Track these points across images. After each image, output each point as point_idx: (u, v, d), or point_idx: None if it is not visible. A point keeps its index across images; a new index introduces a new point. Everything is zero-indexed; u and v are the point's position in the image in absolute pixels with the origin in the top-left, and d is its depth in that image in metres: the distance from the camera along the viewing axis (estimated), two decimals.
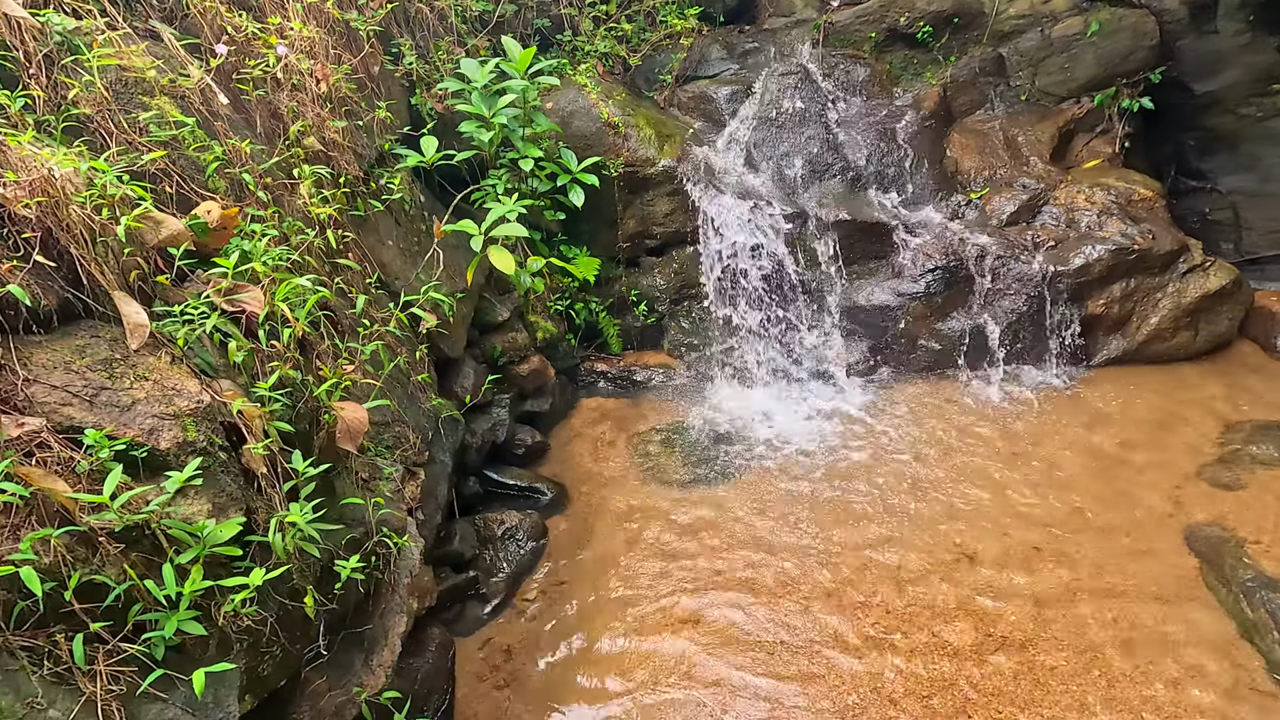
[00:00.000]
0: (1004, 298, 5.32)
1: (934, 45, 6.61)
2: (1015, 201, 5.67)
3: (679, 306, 6.16)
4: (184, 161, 2.32)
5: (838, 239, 5.66)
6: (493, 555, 4.19)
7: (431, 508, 3.76)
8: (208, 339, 1.98)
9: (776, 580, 3.90)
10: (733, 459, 4.97)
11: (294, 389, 2.15)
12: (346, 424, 2.32)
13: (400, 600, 2.79)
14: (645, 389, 5.98)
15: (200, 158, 2.32)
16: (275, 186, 2.65)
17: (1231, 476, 4.10)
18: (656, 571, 4.06)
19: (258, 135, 2.86)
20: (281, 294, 2.14)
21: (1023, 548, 3.87)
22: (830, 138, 6.11)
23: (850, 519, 4.25)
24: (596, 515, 4.64)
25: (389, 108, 4.32)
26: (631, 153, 5.52)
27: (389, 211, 4.33)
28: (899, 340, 5.61)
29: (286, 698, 2.24)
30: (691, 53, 6.82)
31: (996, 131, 6.28)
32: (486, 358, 5.04)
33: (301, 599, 1.95)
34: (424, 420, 3.64)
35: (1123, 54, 5.89)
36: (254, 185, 2.47)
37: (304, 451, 2.17)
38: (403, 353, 3.62)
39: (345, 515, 2.49)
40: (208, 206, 2.20)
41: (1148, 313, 5.22)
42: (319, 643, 2.10)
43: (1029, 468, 4.49)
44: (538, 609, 3.98)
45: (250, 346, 2.03)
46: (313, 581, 2.06)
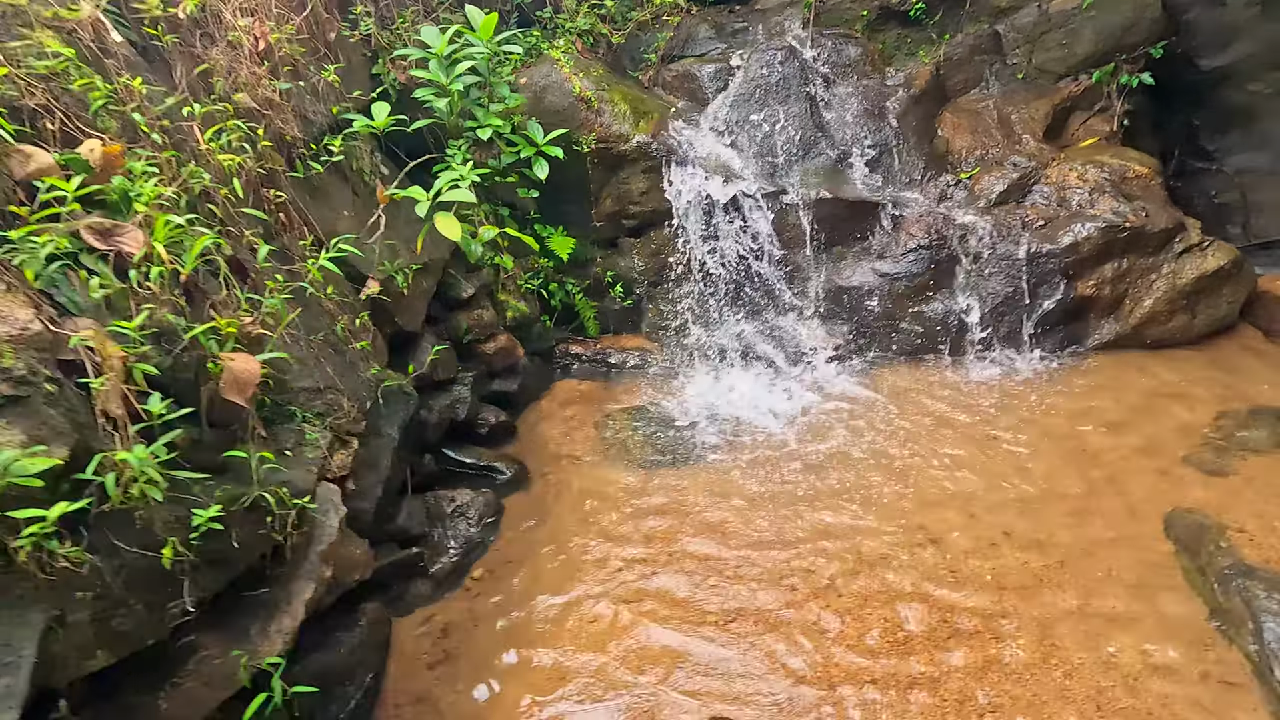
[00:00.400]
0: (989, 279, 5.10)
1: (928, 23, 6.41)
2: (1005, 180, 5.44)
3: (657, 289, 6.02)
4: (69, 99, 2.25)
5: (819, 218, 5.49)
6: (441, 533, 4.09)
7: (371, 480, 3.66)
8: (75, 276, 1.90)
9: (731, 564, 3.74)
10: (700, 442, 4.82)
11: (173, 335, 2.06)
12: (234, 374, 2.23)
13: (311, 567, 2.69)
14: (620, 372, 5.85)
15: (88, 96, 2.25)
16: (177, 132, 2.57)
17: (1220, 462, 3.86)
18: (608, 553, 3.92)
19: (177, 86, 2.79)
20: (160, 235, 2.06)
21: (992, 533, 3.67)
22: (815, 116, 5.93)
23: (815, 503, 4.07)
24: (555, 496, 4.52)
25: (346, 75, 4.24)
26: (605, 128, 5.40)
27: (346, 181, 4.26)
28: (880, 322, 5.41)
29: (165, 657, 2.15)
30: (678, 32, 6.69)
31: (990, 110, 6.05)
32: (451, 334, 4.95)
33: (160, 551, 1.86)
34: (363, 390, 3.55)
35: (1123, 27, 5.63)
36: (146, 126, 2.39)
37: (185, 401, 2.08)
38: (342, 319, 3.53)
39: (241, 475, 2.40)
40: (90, 144, 2.12)
41: (1142, 294, 4.97)
42: (184, 600, 2.00)
43: (1008, 453, 4.28)
44: (482, 588, 3.87)
45: (121, 287, 1.94)
46: (182, 535, 1.96)
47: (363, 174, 4.35)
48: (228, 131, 2.80)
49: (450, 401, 4.67)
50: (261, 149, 3.16)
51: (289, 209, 3.32)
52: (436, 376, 4.65)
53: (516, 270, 5.62)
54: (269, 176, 3.27)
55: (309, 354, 3.29)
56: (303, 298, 3.38)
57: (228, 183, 2.67)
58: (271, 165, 3.27)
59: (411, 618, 3.73)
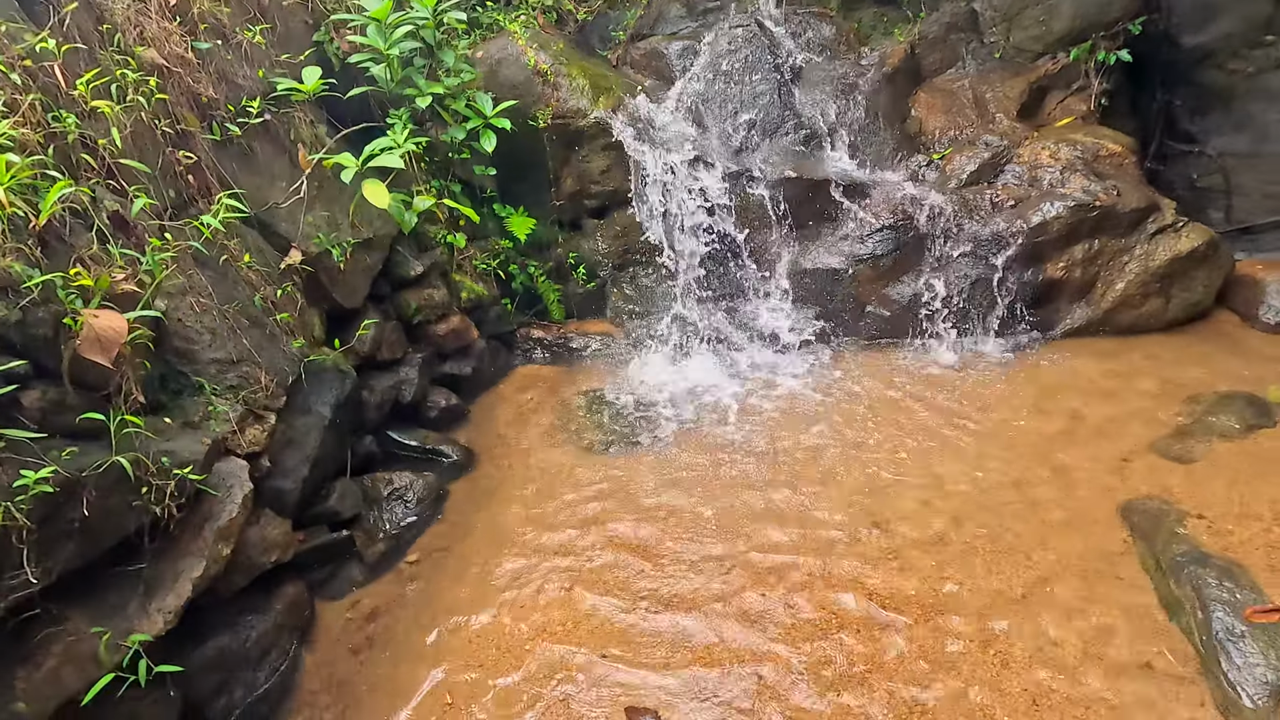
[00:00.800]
0: (957, 261, 4.94)
1: (903, 1, 6.24)
2: (976, 160, 5.27)
3: (622, 272, 5.87)
4: None
5: (785, 199, 5.32)
6: (376, 516, 3.94)
7: (296, 459, 3.51)
8: None
9: (672, 551, 3.58)
10: (655, 428, 4.67)
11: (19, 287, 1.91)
12: (96, 332, 2.08)
13: (203, 545, 2.54)
14: (581, 356, 5.70)
15: None
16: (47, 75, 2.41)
17: (1184, 448, 3.69)
18: (544, 541, 3.77)
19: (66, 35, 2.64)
20: (4, 178, 1.91)
21: (942, 519, 3.51)
22: (784, 95, 5.76)
23: (765, 491, 3.91)
24: (502, 481, 4.37)
25: (284, 40, 4.09)
26: (561, 103, 5.24)
27: (283, 150, 4.10)
28: (847, 306, 5.25)
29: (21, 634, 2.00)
30: (649, 10, 6.53)
31: (966, 90, 5.88)
32: (400, 314, 4.79)
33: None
34: (285, 364, 3.40)
35: (1101, 4, 5.45)
36: (5, 67, 2.24)
37: (42, 360, 1.92)
38: (264, 290, 3.38)
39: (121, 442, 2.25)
40: None
41: (1113, 277, 4.79)
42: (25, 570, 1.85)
43: (969, 438, 4.12)
44: (416, 572, 3.72)
45: None
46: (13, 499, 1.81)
47: (301, 142, 4.19)
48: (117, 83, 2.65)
49: (394, 382, 4.52)
50: (171, 108, 3.01)
51: (204, 172, 3.17)
52: (381, 356, 4.50)
53: (473, 251, 5.46)
54: (181, 137, 3.12)
55: (223, 324, 3.14)
56: (217, 266, 3.23)
57: (107, 134, 2.51)
58: (185, 126, 3.12)
59: (340, 602, 3.59)
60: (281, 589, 3.28)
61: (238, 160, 3.75)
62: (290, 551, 3.30)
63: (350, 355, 4.23)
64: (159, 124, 2.94)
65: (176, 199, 3.12)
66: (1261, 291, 4.75)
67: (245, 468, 2.94)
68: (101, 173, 2.50)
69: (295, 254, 3.41)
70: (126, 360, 2.28)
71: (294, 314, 3.51)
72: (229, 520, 2.67)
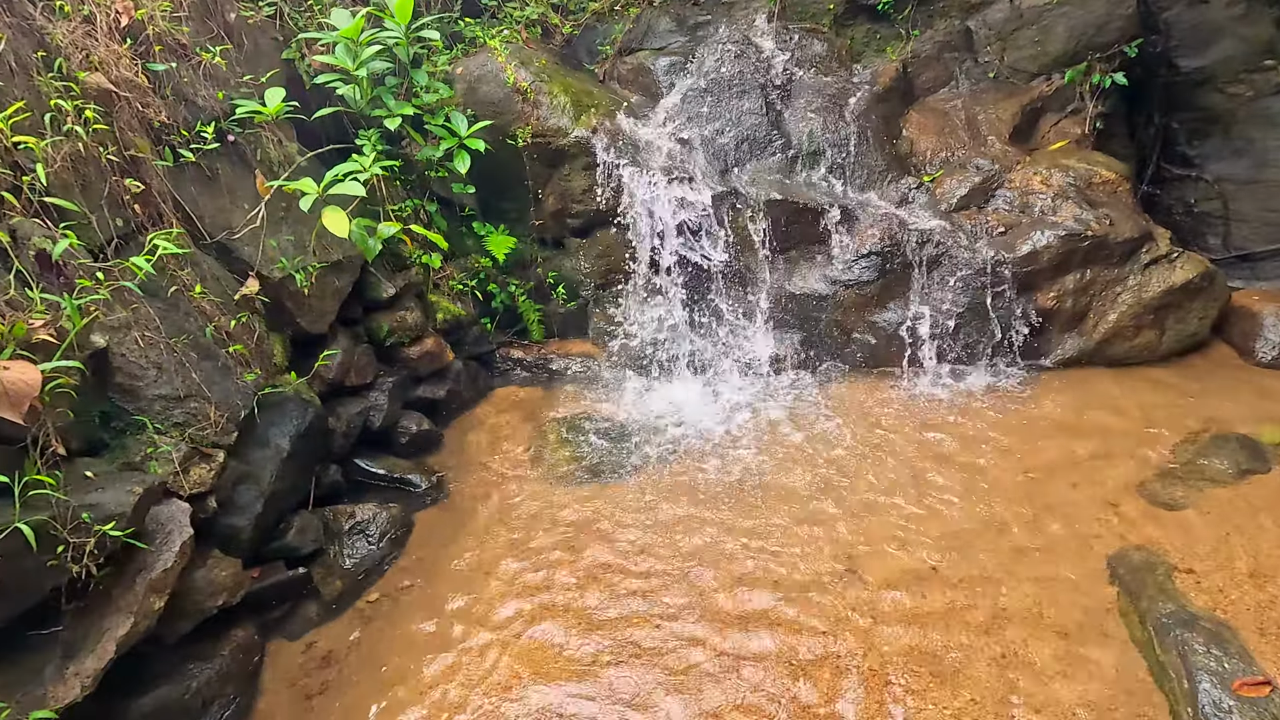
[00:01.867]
0: (945, 288, 4.80)
1: (897, 18, 6.11)
2: (967, 184, 5.14)
3: (605, 292, 5.74)
4: None
5: (770, 221, 5.19)
6: (337, 551, 3.82)
7: (250, 495, 3.39)
8: None
9: (639, 591, 3.45)
10: (632, 456, 4.54)
11: None
12: (4, 386, 1.96)
13: (133, 599, 2.41)
14: (562, 379, 5.57)
15: None
16: None
17: (1175, 494, 3.55)
18: (512, 579, 3.64)
19: None
20: None
21: (918, 566, 3.37)
22: (771, 113, 5.64)
23: (735, 528, 3.78)
24: (473, 512, 4.24)
25: (251, 60, 3.97)
26: (541, 121, 5.11)
27: (250, 171, 3.98)
28: (831, 332, 5.12)
29: None
30: (638, 24, 6.40)
31: (959, 111, 5.75)
32: (372, 337, 4.67)
33: None
34: (237, 397, 3.27)
35: (1096, 24, 5.33)
36: None
37: None
38: (219, 319, 3.25)
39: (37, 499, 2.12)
40: None
41: (1106, 308, 4.66)
42: None
43: (951, 477, 3.98)
44: (375, 612, 3.59)
45: None
46: None
47: (270, 164, 4.07)
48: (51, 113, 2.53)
49: (363, 409, 4.39)
50: (120, 134, 2.89)
51: (155, 199, 3.04)
52: (349, 381, 4.37)
53: (451, 270, 5.34)
54: (130, 163, 2.99)
55: (170, 359, 3.01)
56: (166, 297, 3.10)
57: (28, 168, 2.39)
58: (135, 152, 3.00)
59: (296, 642, 3.45)
60: (230, 633, 3.15)
61: (199, 184, 3.63)
62: (240, 593, 3.17)
63: (316, 381, 4.11)
64: (103, 151, 2.82)
65: (124, 228, 3.00)
66: (1258, 325, 4.61)
67: (187, 511, 2.81)
68: (28, 211, 2.38)
69: (252, 283, 3.29)
70: (46, 411, 2.15)
71: (250, 344, 3.38)
72: (163, 571, 2.54)
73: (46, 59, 2.71)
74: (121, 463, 2.79)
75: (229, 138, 3.73)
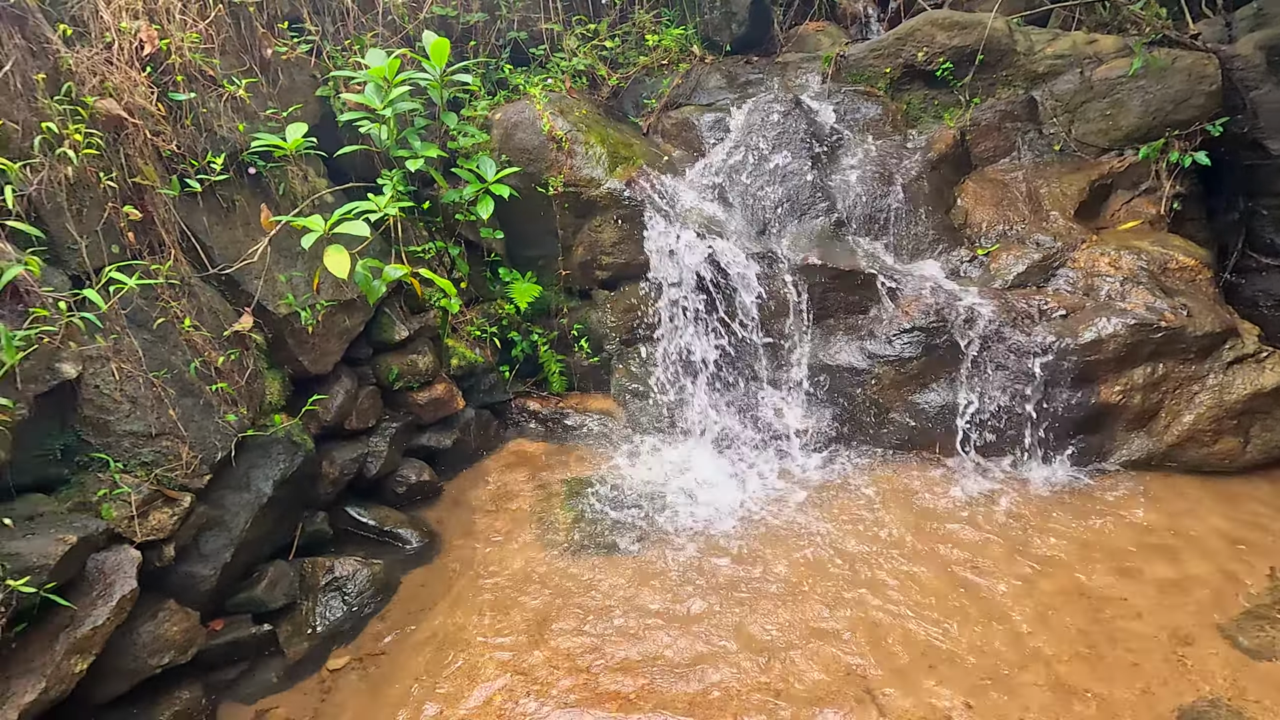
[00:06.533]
0: (995, 371, 4.38)
1: (955, 85, 5.85)
2: (1025, 261, 4.76)
3: (629, 349, 5.49)
4: None
5: (808, 286, 4.89)
6: (309, 608, 3.56)
7: (218, 543, 3.18)
8: None
9: (629, 690, 3.07)
10: (638, 529, 4.20)
11: None
12: None
13: (47, 661, 2.18)
14: (576, 435, 5.30)
15: None
16: None
17: (1264, 640, 3.01)
18: (488, 662, 3.31)
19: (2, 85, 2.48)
20: None
21: (949, 703, 2.91)
22: (817, 175, 5.39)
23: (741, 633, 3.37)
24: (461, 575, 3.95)
25: (285, 95, 3.96)
26: (574, 171, 4.98)
27: (272, 204, 3.92)
28: (867, 410, 4.72)
29: None
30: (687, 79, 6.31)
31: (1019, 183, 5.40)
32: (380, 379, 4.51)
33: None
34: (215, 438, 3.09)
35: (1175, 100, 4.95)
36: None
37: None
38: (207, 354, 3.11)
39: None
40: None
41: (1180, 408, 4.15)
42: None
43: (991, 592, 3.50)
44: (337, 683, 3.30)
45: None
46: None
47: (294, 198, 4.01)
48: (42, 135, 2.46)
49: (359, 454, 4.19)
50: (126, 161, 2.82)
51: (156, 228, 2.95)
52: (349, 425, 4.19)
53: (472, 314, 5.19)
54: (135, 191, 2.92)
55: (148, 393, 2.86)
56: (153, 329, 2.97)
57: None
58: (140, 179, 2.92)
59: (248, 709, 3.18)
60: (173, 695, 2.90)
61: (214, 214, 3.56)
62: (191, 651, 2.93)
63: (313, 423, 3.94)
64: (103, 177, 2.75)
65: (120, 255, 2.90)
66: None
67: (135, 560, 2.60)
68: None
69: (246, 319, 3.16)
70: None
71: (240, 381, 3.22)
72: (91, 629, 2.32)
73: (55, 82, 2.68)
74: (75, 502, 2.62)
75: (250, 170, 3.67)
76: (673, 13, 6.47)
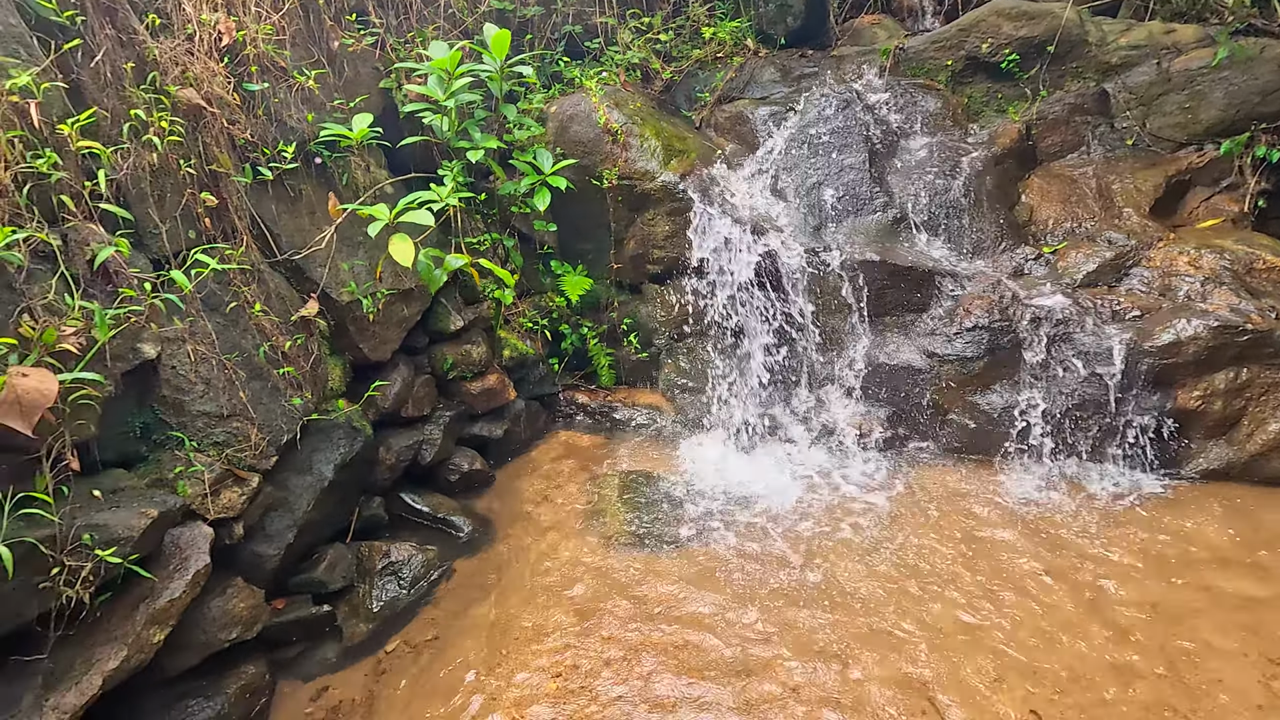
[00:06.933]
0: (1063, 373, 4.21)
1: (1022, 77, 5.66)
2: (1096, 259, 4.57)
3: (679, 343, 5.45)
4: None
5: (865, 283, 4.78)
6: (365, 591, 3.62)
7: (282, 524, 3.25)
8: None
9: (680, 688, 3.04)
10: (691, 525, 4.16)
11: None
12: (18, 394, 1.86)
13: (129, 630, 2.26)
14: (624, 429, 5.29)
15: None
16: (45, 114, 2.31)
17: None
18: (548, 647, 3.31)
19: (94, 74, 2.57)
20: None
21: (1014, 712, 2.80)
22: (875, 169, 5.27)
23: (802, 627, 3.31)
24: (513, 564, 3.97)
25: (350, 86, 4.03)
26: (629, 164, 4.96)
27: (333, 194, 4.00)
28: (926, 411, 4.60)
29: None
30: (741, 73, 6.25)
31: (1089, 178, 5.19)
32: (434, 368, 4.57)
33: None
34: (281, 420, 3.16)
35: (1262, 92, 4.70)
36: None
37: None
38: (275, 339, 3.18)
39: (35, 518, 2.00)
40: None
41: (1265, 416, 3.93)
42: None
43: (1058, 602, 3.37)
44: (393, 664, 3.35)
45: None
46: None
47: (356, 188, 4.08)
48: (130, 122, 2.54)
49: (414, 441, 4.25)
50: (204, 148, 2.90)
51: (230, 214, 3.03)
52: (405, 412, 4.26)
53: (524, 306, 5.22)
54: (211, 178, 3.00)
55: (220, 375, 2.94)
56: (225, 312, 3.05)
57: (81, 174, 2.38)
58: (216, 167, 3.00)
59: (307, 686, 3.25)
60: (239, 669, 2.97)
61: (282, 202, 3.65)
62: (256, 628, 3.00)
63: (370, 410, 4.01)
64: (183, 164, 2.83)
65: (196, 240, 2.98)
66: None
67: (209, 537, 2.67)
68: (86, 216, 2.37)
69: (311, 305, 3.22)
70: (65, 422, 2.06)
71: (305, 366, 3.29)
72: (169, 601, 2.38)
73: (141, 71, 2.77)
74: (153, 478, 2.70)
75: (316, 160, 3.74)
76: (727, 6, 6.40)
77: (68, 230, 2.26)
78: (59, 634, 2.06)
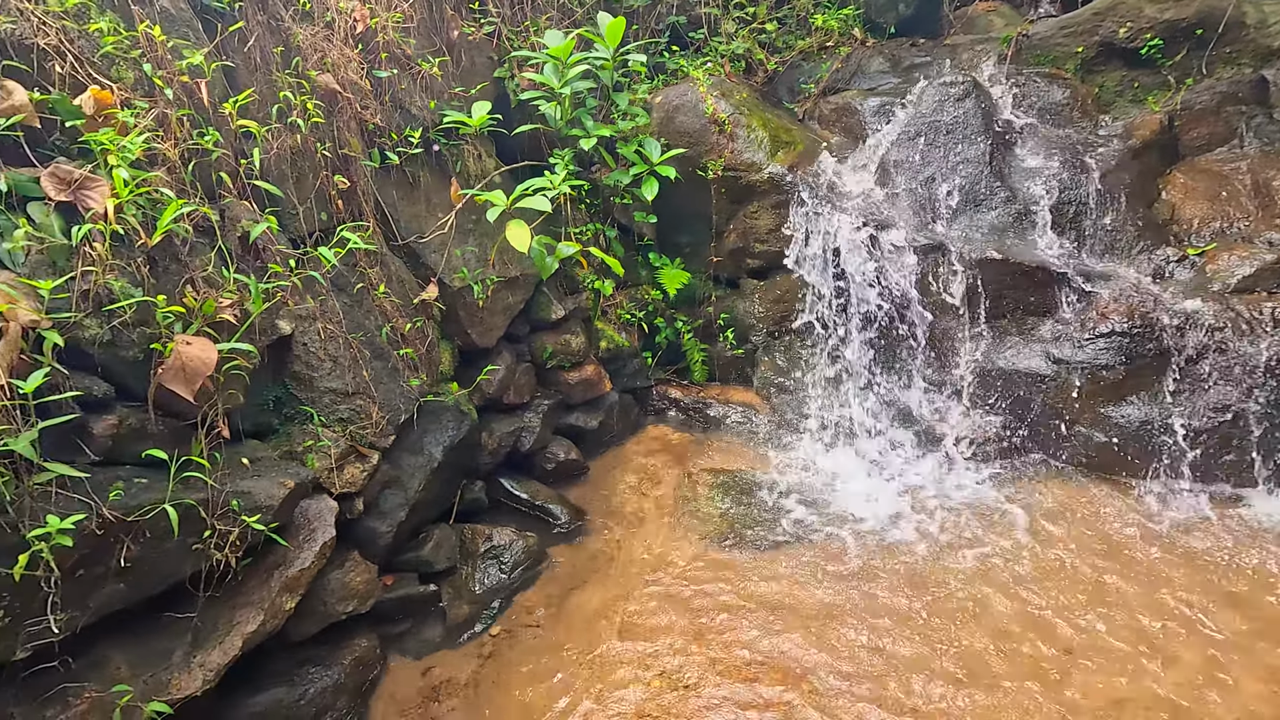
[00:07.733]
0: (1211, 386, 3.84)
1: (1164, 64, 5.21)
2: (1253, 262, 4.14)
3: (776, 341, 5.30)
4: (85, 43, 2.12)
5: (982, 282, 4.51)
6: (469, 573, 3.66)
7: (395, 501, 3.32)
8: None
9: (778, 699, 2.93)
10: (788, 528, 4.02)
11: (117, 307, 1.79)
12: (183, 361, 1.93)
13: (266, 595, 2.33)
14: (718, 427, 5.18)
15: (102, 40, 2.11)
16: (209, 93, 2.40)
17: None
18: (645, 643, 3.26)
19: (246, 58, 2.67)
20: (122, 193, 1.82)
21: None
22: (996, 163, 4.96)
23: (904, 643, 3.14)
24: (609, 557, 3.95)
25: (467, 75, 4.09)
26: (735, 155, 4.85)
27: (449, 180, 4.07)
28: (1046, 420, 4.29)
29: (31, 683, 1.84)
30: (847, 63, 6.03)
31: (1242, 174, 4.73)
32: (534, 356, 4.59)
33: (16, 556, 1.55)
34: (400, 400, 3.23)
35: None
36: (160, 80, 2.22)
37: (129, 385, 1.79)
38: (395, 321, 3.25)
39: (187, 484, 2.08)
40: (93, 91, 1.96)
41: None
42: (48, 617, 1.68)
43: (1205, 641, 3.05)
44: (497, 648, 3.37)
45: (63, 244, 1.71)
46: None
47: (468, 175, 4.14)
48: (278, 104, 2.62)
49: (515, 428, 4.28)
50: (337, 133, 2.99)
51: (359, 197, 3.11)
52: (507, 399, 4.29)
53: (620, 299, 5.19)
54: (342, 161, 3.09)
55: (346, 354, 3.02)
56: (352, 293, 3.14)
57: (249, 153, 2.46)
58: (347, 151, 3.09)
59: (414, 663, 3.31)
60: (353, 641, 3.05)
61: (400, 188, 3.73)
62: (370, 602, 3.08)
63: (476, 395, 4.06)
64: (319, 147, 2.91)
65: (328, 222, 3.07)
66: None
67: (334, 510, 2.75)
68: (239, 193, 2.46)
69: (432, 289, 3.28)
70: (219, 390, 2.14)
71: (422, 349, 3.35)
72: (300, 570, 2.46)
73: (286, 56, 2.87)
74: (284, 450, 2.79)
75: (434, 147, 3.81)
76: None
77: (224, 206, 2.36)
78: (206, 595, 2.15)
